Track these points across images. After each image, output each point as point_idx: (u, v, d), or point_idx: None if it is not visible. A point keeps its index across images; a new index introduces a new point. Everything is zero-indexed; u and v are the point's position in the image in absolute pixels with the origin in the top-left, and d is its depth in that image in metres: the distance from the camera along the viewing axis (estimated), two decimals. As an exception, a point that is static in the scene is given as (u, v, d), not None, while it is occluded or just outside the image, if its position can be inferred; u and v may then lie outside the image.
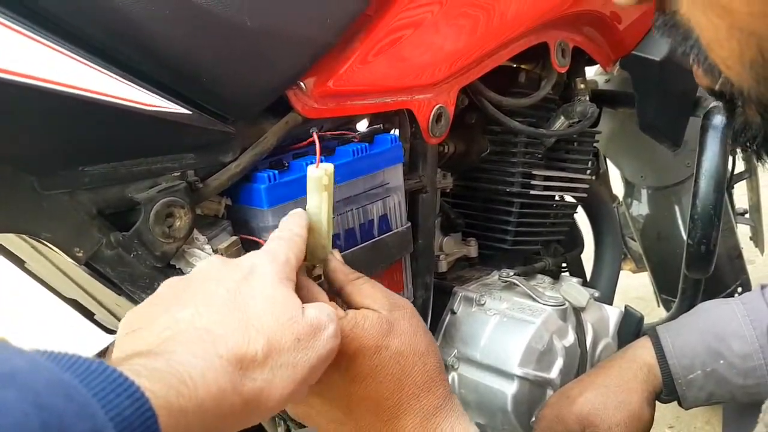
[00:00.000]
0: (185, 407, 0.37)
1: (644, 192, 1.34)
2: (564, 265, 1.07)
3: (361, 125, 0.79)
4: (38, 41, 0.47)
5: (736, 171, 1.40)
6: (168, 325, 0.43)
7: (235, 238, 0.61)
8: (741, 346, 0.75)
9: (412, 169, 0.77)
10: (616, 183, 1.44)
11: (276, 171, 0.61)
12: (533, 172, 0.91)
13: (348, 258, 0.67)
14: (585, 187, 1.00)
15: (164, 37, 0.52)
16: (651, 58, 0.98)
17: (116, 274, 0.55)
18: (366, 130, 0.76)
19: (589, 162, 1.02)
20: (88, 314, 0.83)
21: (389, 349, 0.53)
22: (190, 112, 0.55)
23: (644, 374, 0.78)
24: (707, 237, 0.93)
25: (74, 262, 0.56)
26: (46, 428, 0.28)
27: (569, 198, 1.03)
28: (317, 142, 0.59)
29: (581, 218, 1.13)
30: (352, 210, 0.68)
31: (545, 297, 0.83)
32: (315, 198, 0.56)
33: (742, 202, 1.58)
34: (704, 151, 0.93)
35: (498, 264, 0.94)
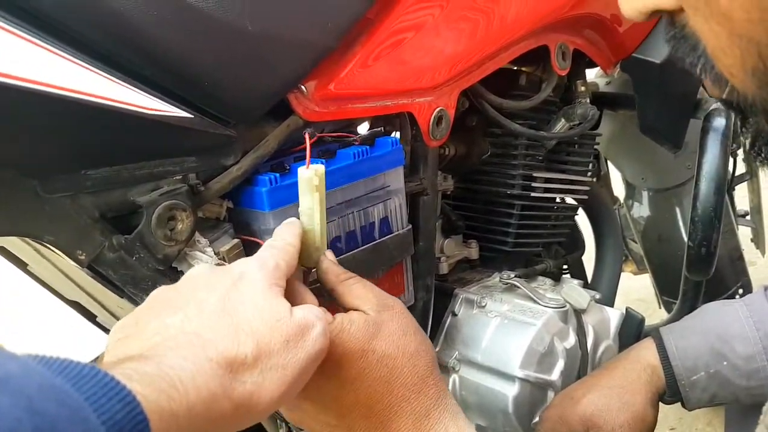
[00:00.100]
0: (176, 411, 0.37)
1: (645, 194, 1.34)
2: (565, 267, 1.07)
3: (362, 128, 0.79)
4: (41, 46, 0.47)
5: (737, 173, 1.40)
6: (158, 331, 0.44)
7: (237, 241, 0.62)
8: (744, 348, 0.75)
9: (413, 172, 0.77)
10: (617, 185, 1.44)
11: (277, 174, 0.61)
12: (534, 175, 0.91)
13: (349, 260, 0.67)
14: (586, 189, 1.00)
15: (166, 42, 0.52)
16: (651, 61, 0.98)
17: (118, 277, 0.55)
18: (367, 133, 0.77)
19: (590, 164, 1.02)
20: (90, 316, 0.83)
21: (375, 352, 0.53)
22: (192, 116, 0.55)
23: (648, 375, 0.78)
24: (708, 239, 0.93)
25: (77, 265, 0.56)
26: None
27: (570, 200, 1.03)
28: (308, 143, 0.59)
29: (582, 220, 1.13)
30: (353, 212, 0.69)
31: (546, 299, 0.83)
32: (307, 199, 0.56)
33: (743, 204, 1.58)
34: (705, 154, 0.93)
35: (499, 266, 0.94)
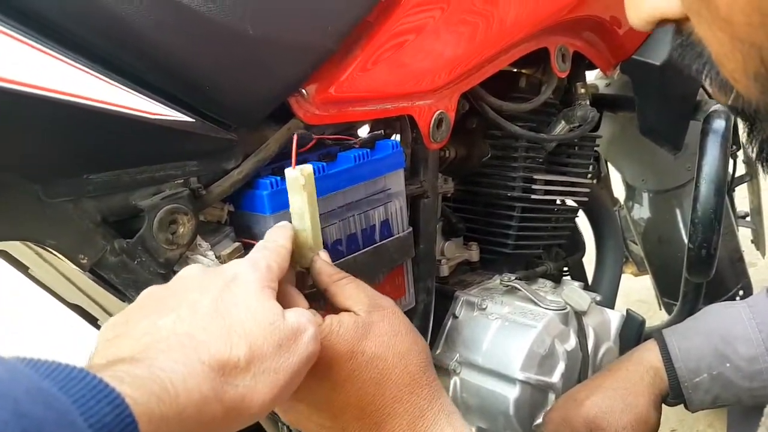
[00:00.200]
0: (166, 414, 0.37)
1: (645, 195, 1.34)
2: (565, 269, 1.07)
3: (362, 131, 0.79)
4: (43, 51, 0.47)
5: (737, 174, 1.40)
6: (149, 332, 0.43)
7: (238, 244, 0.62)
8: (747, 349, 0.76)
9: (414, 175, 0.78)
10: (618, 186, 1.44)
11: (278, 177, 0.61)
12: (534, 177, 0.91)
13: (350, 263, 0.67)
14: (586, 191, 1.00)
15: (167, 46, 0.52)
16: (651, 63, 0.98)
17: (120, 281, 0.55)
18: (367, 136, 0.77)
19: (590, 166, 1.02)
20: (92, 320, 0.83)
21: (365, 354, 0.52)
22: (193, 120, 0.55)
23: (651, 377, 0.79)
24: (708, 241, 0.93)
25: (78, 269, 0.56)
26: None
27: (570, 202, 1.03)
28: (294, 144, 0.59)
29: (582, 222, 1.13)
30: (354, 215, 0.69)
31: (547, 301, 0.83)
32: (296, 200, 0.56)
33: (744, 205, 1.58)
34: (705, 155, 0.93)
35: (499, 268, 0.94)
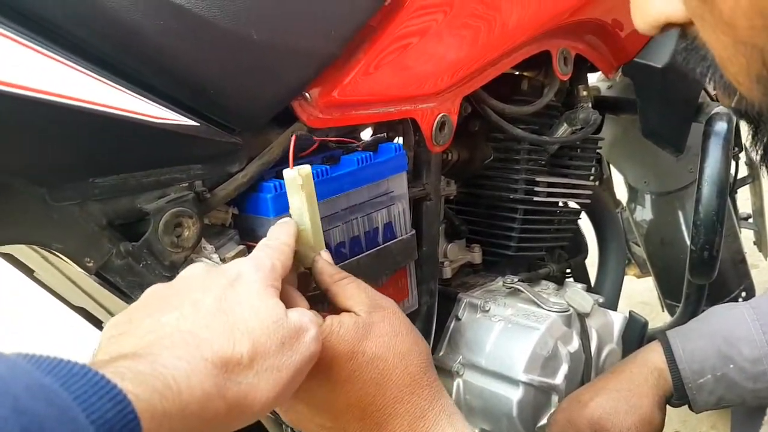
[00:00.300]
0: (168, 411, 0.36)
1: (648, 197, 1.34)
2: (568, 271, 1.07)
3: (365, 134, 0.79)
4: (48, 56, 0.48)
5: (740, 176, 1.40)
6: (152, 329, 0.43)
7: (242, 247, 0.62)
8: (751, 351, 0.76)
9: (416, 177, 0.78)
10: (620, 188, 1.44)
11: (281, 180, 0.61)
12: (536, 179, 0.92)
13: (353, 265, 0.68)
14: (588, 194, 1.00)
15: (172, 51, 0.53)
16: (653, 65, 0.98)
17: (126, 284, 0.56)
18: (370, 139, 0.77)
19: (593, 168, 1.02)
20: (96, 322, 0.83)
21: (365, 354, 0.53)
22: (198, 124, 0.55)
23: (655, 378, 0.79)
24: (710, 242, 0.93)
25: (84, 272, 0.57)
26: None
27: (573, 204, 1.03)
28: (292, 145, 0.59)
29: (585, 224, 1.13)
30: (357, 218, 0.69)
31: (549, 303, 0.83)
32: (295, 200, 0.57)
33: (746, 207, 1.58)
34: (707, 158, 0.93)
35: (502, 270, 0.94)
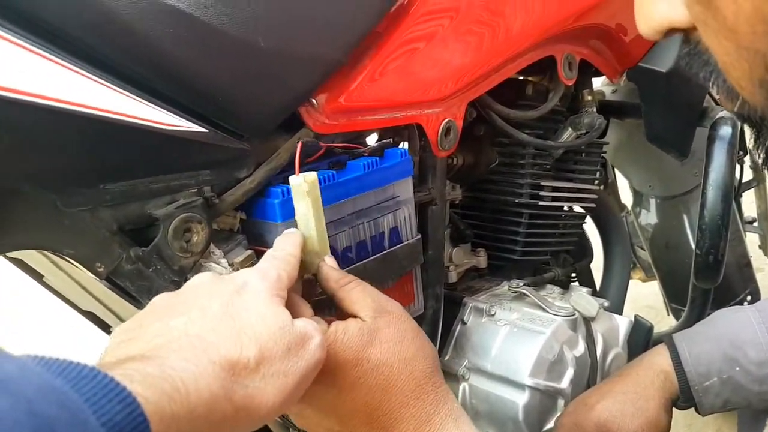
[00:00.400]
0: (177, 413, 0.37)
1: (652, 201, 1.34)
2: (573, 275, 1.07)
3: (371, 139, 0.80)
4: (60, 64, 0.48)
5: (744, 179, 1.40)
6: (160, 333, 0.44)
7: (250, 252, 0.63)
8: (757, 354, 0.76)
9: (422, 182, 0.78)
10: (625, 192, 1.44)
11: (289, 186, 0.62)
12: (541, 183, 0.92)
13: (360, 270, 0.68)
14: (593, 198, 1.00)
15: (181, 59, 0.53)
16: (657, 70, 0.98)
17: (136, 288, 0.56)
18: (376, 145, 0.78)
19: (597, 172, 1.03)
20: (105, 327, 0.84)
21: (370, 360, 0.53)
22: (207, 131, 0.56)
23: (661, 381, 0.79)
24: (715, 247, 0.93)
25: (94, 277, 0.57)
26: None
27: (578, 208, 1.03)
28: (298, 151, 0.60)
29: (590, 228, 1.13)
30: (363, 223, 0.69)
31: (555, 307, 0.84)
32: (300, 206, 0.57)
33: (751, 211, 1.58)
34: (711, 162, 0.93)
35: (508, 274, 0.94)
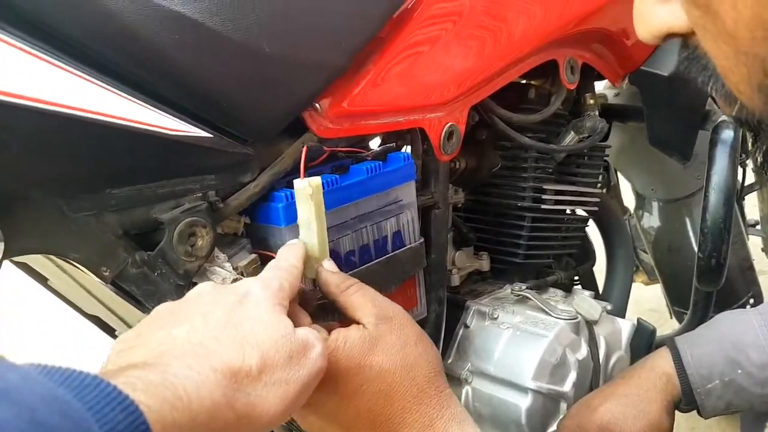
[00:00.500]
0: (179, 421, 0.37)
1: (655, 204, 1.34)
2: (576, 279, 1.08)
3: (374, 142, 0.80)
4: (66, 69, 0.49)
5: (747, 182, 1.40)
6: (163, 341, 0.44)
7: (254, 256, 0.63)
8: (759, 356, 0.76)
9: (425, 186, 0.79)
10: (628, 195, 1.44)
11: (293, 190, 0.63)
12: (544, 187, 0.92)
13: (363, 274, 0.68)
14: (596, 201, 1.01)
15: (187, 65, 0.54)
16: (659, 74, 0.99)
17: (141, 292, 0.57)
18: (379, 149, 0.78)
19: (600, 175, 1.03)
20: (110, 330, 0.84)
21: (372, 368, 0.54)
22: (211, 136, 0.57)
23: (663, 384, 0.79)
24: (717, 250, 0.93)
25: (99, 281, 0.58)
26: None
27: (580, 211, 1.04)
28: (303, 155, 0.61)
29: (593, 231, 1.13)
30: (367, 227, 0.70)
31: (558, 310, 0.84)
32: (303, 210, 0.58)
33: (753, 214, 1.58)
34: (713, 165, 0.93)
35: (510, 278, 0.95)
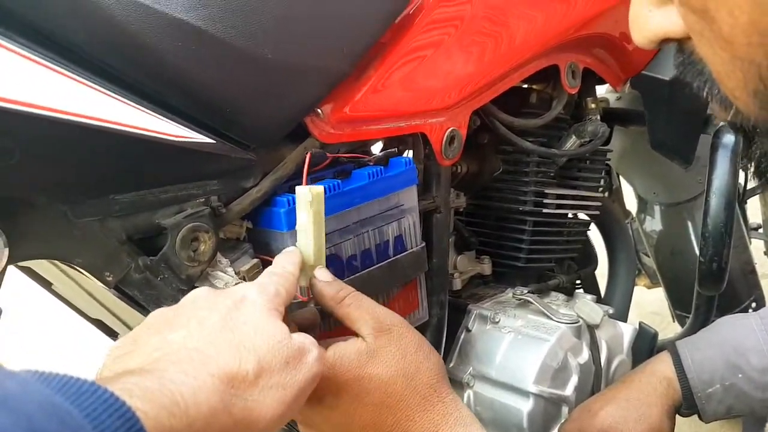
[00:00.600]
0: (176, 427, 0.37)
1: (657, 208, 1.34)
2: (578, 282, 1.08)
3: (376, 147, 0.80)
4: (72, 78, 0.49)
5: (749, 186, 1.40)
6: (159, 347, 0.44)
7: (256, 261, 0.63)
8: (759, 361, 0.76)
9: (426, 190, 0.79)
10: (630, 198, 1.44)
11: (294, 195, 0.63)
12: (545, 191, 0.92)
13: (364, 278, 0.69)
14: (597, 205, 1.01)
15: (190, 72, 0.54)
16: (661, 78, 0.99)
17: (144, 297, 0.57)
18: (381, 154, 0.78)
19: (601, 180, 1.03)
20: (112, 334, 0.85)
21: (371, 380, 0.54)
22: (214, 142, 0.57)
23: (663, 388, 0.79)
24: (719, 254, 0.93)
25: (103, 286, 0.58)
26: None
27: (582, 215, 1.04)
28: (306, 162, 0.61)
29: (595, 234, 1.13)
30: (368, 231, 0.70)
31: (559, 314, 0.84)
32: (302, 216, 0.58)
33: (756, 217, 1.58)
34: (714, 170, 0.93)
35: (512, 281, 0.95)
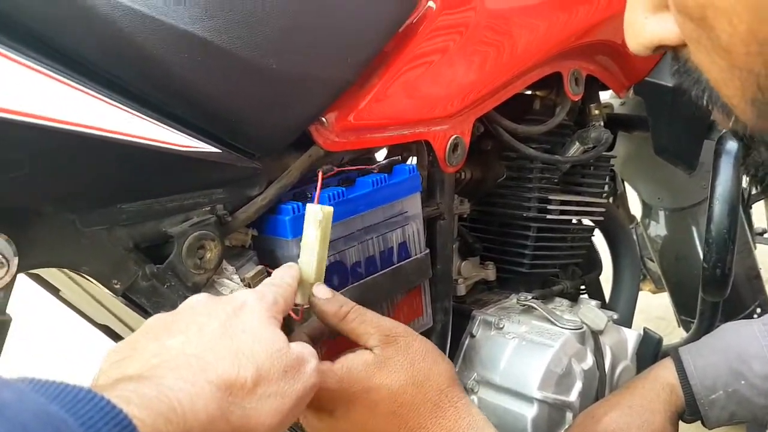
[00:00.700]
0: None
1: (661, 213, 1.34)
2: (582, 288, 1.08)
3: (380, 154, 0.81)
4: (79, 89, 0.50)
5: (755, 191, 1.40)
6: (157, 353, 0.44)
7: (261, 267, 0.64)
8: (762, 367, 0.76)
9: (430, 197, 0.79)
10: (634, 204, 1.44)
11: (299, 203, 0.64)
12: (549, 197, 0.92)
13: (369, 285, 0.69)
14: (601, 211, 1.01)
15: (196, 82, 0.55)
16: (664, 84, 0.99)
17: (150, 304, 0.58)
18: (385, 161, 0.79)
19: (605, 185, 1.03)
20: (118, 339, 0.85)
21: (380, 390, 0.55)
22: (220, 151, 0.58)
23: (666, 394, 0.79)
24: (722, 260, 0.93)
25: (111, 293, 0.59)
26: None
27: (586, 221, 1.04)
28: (319, 181, 0.62)
29: (599, 240, 1.13)
30: (372, 238, 0.70)
31: (563, 320, 0.84)
32: (310, 233, 0.58)
33: (761, 222, 1.58)
34: (718, 176, 0.93)
35: (516, 287, 0.95)
